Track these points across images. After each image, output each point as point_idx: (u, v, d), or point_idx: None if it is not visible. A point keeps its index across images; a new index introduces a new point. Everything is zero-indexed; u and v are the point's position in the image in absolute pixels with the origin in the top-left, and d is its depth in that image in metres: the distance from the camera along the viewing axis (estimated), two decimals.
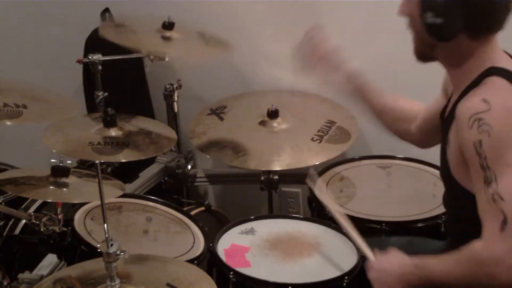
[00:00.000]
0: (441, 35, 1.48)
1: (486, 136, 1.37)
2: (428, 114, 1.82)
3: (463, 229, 1.58)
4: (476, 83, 1.47)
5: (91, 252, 1.86)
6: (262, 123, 2.39)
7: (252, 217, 2.09)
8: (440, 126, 1.66)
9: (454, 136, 1.50)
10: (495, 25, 1.48)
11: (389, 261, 1.57)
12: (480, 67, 1.49)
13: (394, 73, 2.53)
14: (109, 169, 2.46)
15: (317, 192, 2.01)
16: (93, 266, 1.64)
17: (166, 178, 2.71)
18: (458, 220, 1.62)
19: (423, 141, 1.88)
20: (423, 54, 1.58)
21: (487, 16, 1.46)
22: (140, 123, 2.18)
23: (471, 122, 1.39)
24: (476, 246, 1.40)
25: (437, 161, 2.26)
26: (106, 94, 2.48)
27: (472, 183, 1.44)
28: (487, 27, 1.48)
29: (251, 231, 2.03)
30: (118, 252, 1.47)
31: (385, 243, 1.74)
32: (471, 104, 1.42)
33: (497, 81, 1.45)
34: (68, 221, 2.03)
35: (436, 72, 1.69)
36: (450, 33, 1.47)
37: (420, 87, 2.19)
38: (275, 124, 2.37)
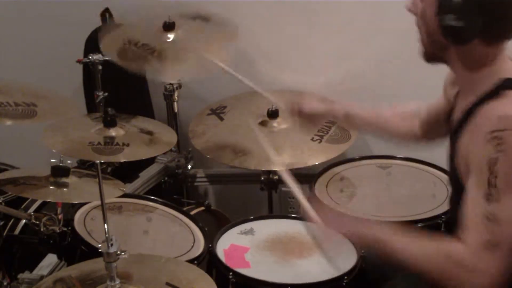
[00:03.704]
0: (457, 38, 1.44)
1: (503, 156, 1.35)
2: (429, 113, 1.82)
3: None
4: (492, 93, 1.44)
5: (91, 252, 1.86)
6: (262, 123, 2.39)
7: (251, 217, 2.09)
8: (448, 132, 1.62)
9: (464, 146, 1.47)
10: (509, 32, 1.46)
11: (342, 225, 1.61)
12: (495, 76, 1.46)
13: (394, 73, 2.53)
14: (109, 169, 2.46)
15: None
16: (93, 266, 1.64)
17: (166, 178, 2.71)
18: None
19: (427, 138, 1.88)
20: (433, 55, 1.54)
21: (504, 22, 1.44)
22: (140, 123, 2.18)
23: (489, 138, 1.37)
24: (458, 247, 1.40)
25: (437, 161, 2.28)
26: (106, 94, 2.48)
27: (468, 186, 1.44)
28: (502, 33, 1.46)
29: (251, 231, 2.03)
30: (118, 252, 1.47)
31: None
32: (490, 118, 1.39)
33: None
34: (68, 221, 2.03)
35: (436, 72, 1.69)
36: (467, 37, 1.43)
37: (420, 87, 2.19)
38: (275, 124, 2.37)
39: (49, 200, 2.07)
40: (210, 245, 1.93)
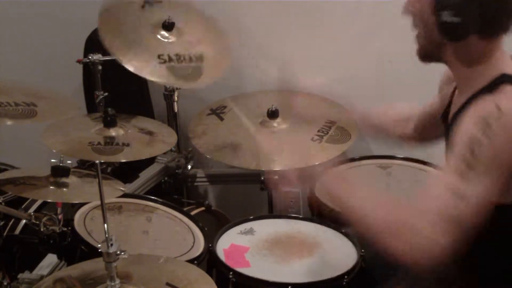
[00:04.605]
0: (454, 34, 1.46)
1: (487, 142, 1.36)
2: (423, 114, 1.83)
3: None
4: (489, 88, 1.45)
5: (91, 252, 1.86)
6: (262, 123, 2.39)
7: (251, 217, 2.09)
8: (444, 130, 1.64)
9: (456, 134, 1.48)
10: (507, 27, 1.47)
11: None
12: (492, 71, 1.47)
13: (394, 73, 2.53)
14: (109, 169, 2.46)
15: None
16: (93, 266, 1.64)
17: (166, 178, 2.71)
18: None
19: (421, 140, 1.89)
20: (429, 53, 1.55)
21: (500, 17, 1.45)
22: (140, 123, 2.18)
23: (480, 121, 1.38)
24: (417, 213, 1.39)
25: (437, 162, 2.28)
26: (106, 94, 2.48)
27: (446, 157, 1.43)
28: (499, 28, 1.46)
29: (251, 231, 2.03)
30: (118, 252, 1.47)
31: None
32: (484, 106, 1.40)
33: (509, 89, 1.42)
34: (68, 221, 2.03)
35: (435, 71, 1.69)
36: (464, 33, 1.45)
37: (420, 87, 2.18)
38: (275, 124, 2.37)
39: (49, 200, 2.07)
40: (210, 245, 1.93)
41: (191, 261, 1.88)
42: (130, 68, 2.05)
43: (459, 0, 1.42)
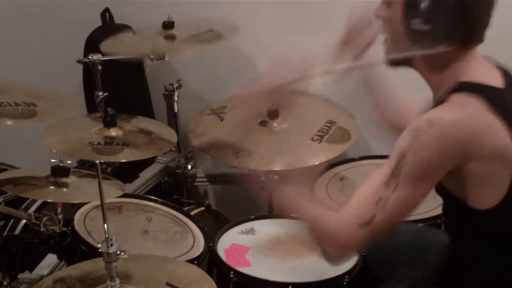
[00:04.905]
0: (423, 42, 1.45)
1: (413, 153, 1.37)
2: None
3: (462, 236, 1.57)
4: (442, 99, 1.44)
5: (91, 252, 1.86)
6: (262, 123, 2.39)
7: (252, 217, 2.09)
8: None
9: None
10: (476, 37, 1.46)
11: None
12: (454, 78, 1.45)
13: (394, 73, 2.52)
14: (109, 169, 2.46)
15: None
16: (93, 266, 1.64)
17: (166, 178, 2.71)
18: (457, 228, 1.61)
19: None
20: (398, 59, 1.55)
21: (470, 27, 1.43)
22: (140, 123, 2.18)
23: (409, 132, 1.39)
24: (334, 218, 1.45)
25: None
26: (106, 94, 2.48)
27: (451, 187, 1.45)
28: (468, 38, 1.45)
29: (251, 231, 2.03)
30: (118, 252, 1.47)
31: (395, 231, 1.74)
32: (421, 119, 1.40)
33: (456, 99, 1.41)
34: (68, 221, 2.03)
35: None
36: (433, 41, 1.44)
37: (420, 86, 2.18)
38: (275, 124, 2.37)
39: (49, 200, 2.07)
40: (211, 244, 1.93)
41: (191, 261, 1.88)
42: None
43: (429, 9, 1.42)
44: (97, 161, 1.54)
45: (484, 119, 1.36)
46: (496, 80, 1.46)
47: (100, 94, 2.47)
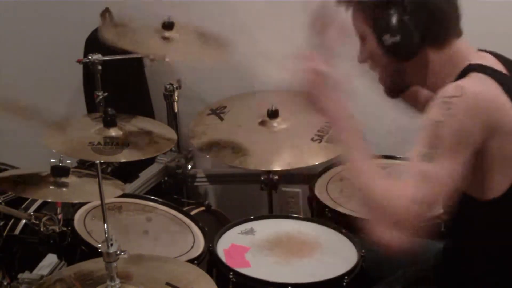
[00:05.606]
0: (404, 52, 1.46)
1: (449, 120, 1.35)
2: None
3: (464, 229, 1.57)
4: (458, 77, 1.45)
5: (91, 252, 1.86)
6: (262, 123, 2.39)
7: (251, 217, 2.09)
8: None
9: None
10: (451, 30, 1.47)
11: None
12: (457, 69, 1.46)
13: None
14: (109, 169, 2.46)
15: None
16: (93, 266, 1.64)
17: (166, 178, 2.71)
18: (459, 221, 1.61)
19: None
20: (396, 85, 1.56)
21: (440, 23, 1.45)
22: (140, 123, 2.18)
23: (441, 102, 1.38)
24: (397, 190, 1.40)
25: None
26: (106, 94, 2.48)
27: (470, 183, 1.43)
28: (444, 33, 1.46)
29: (251, 231, 2.03)
30: (118, 252, 1.47)
31: None
32: (446, 89, 1.40)
33: (474, 75, 1.42)
34: (68, 221, 2.03)
35: None
36: (412, 48, 1.45)
37: None
38: (275, 124, 2.37)
39: (49, 200, 2.07)
40: (210, 245, 1.93)
41: (191, 261, 1.88)
42: None
43: (392, 20, 1.43)
44: (97, 161, 1.54)
45: (502, 98, 1.39)
46: (499, 67, 1.47)
47: (100, 94, 2.47)
